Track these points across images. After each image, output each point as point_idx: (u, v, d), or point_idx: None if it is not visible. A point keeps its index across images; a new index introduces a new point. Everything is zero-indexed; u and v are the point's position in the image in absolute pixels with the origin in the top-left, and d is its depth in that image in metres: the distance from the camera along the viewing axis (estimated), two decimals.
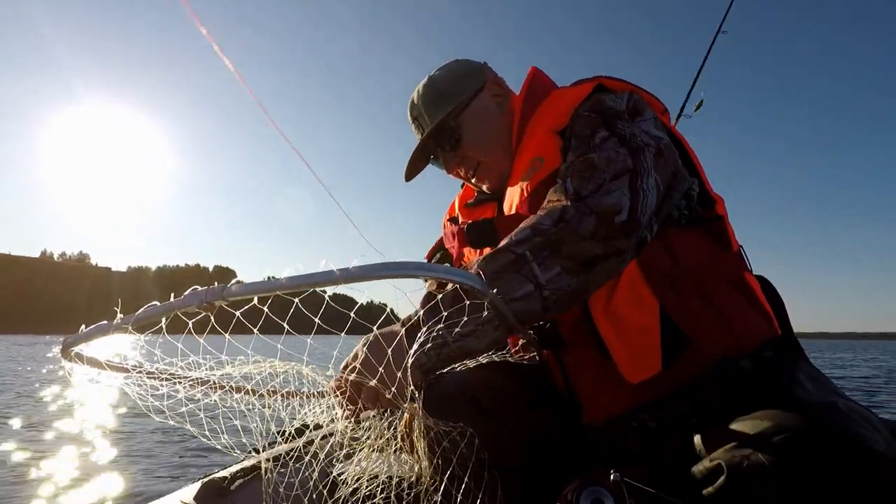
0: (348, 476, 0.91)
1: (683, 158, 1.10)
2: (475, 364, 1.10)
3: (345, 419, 0.87)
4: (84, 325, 0.71)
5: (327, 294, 0.74)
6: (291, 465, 0.90)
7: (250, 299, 0.66)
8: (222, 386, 0.91)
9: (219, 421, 0.90)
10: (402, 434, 0.91)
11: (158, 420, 0.86)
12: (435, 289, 0.90)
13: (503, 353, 1.20)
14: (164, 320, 0.68)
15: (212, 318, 0.68)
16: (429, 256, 1.53)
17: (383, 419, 0.91)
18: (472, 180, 1.30)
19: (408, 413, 0.87)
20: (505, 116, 1.27)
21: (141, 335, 0.71)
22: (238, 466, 1.27)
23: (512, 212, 1.15)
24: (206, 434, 0.89)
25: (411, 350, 0.79)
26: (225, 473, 1.24)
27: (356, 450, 0.92)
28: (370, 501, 0.89)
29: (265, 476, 0.92)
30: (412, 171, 1.34)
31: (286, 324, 0.72)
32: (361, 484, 0.90)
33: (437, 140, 1.27)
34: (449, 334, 0.81)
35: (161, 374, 0.84)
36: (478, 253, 1.19)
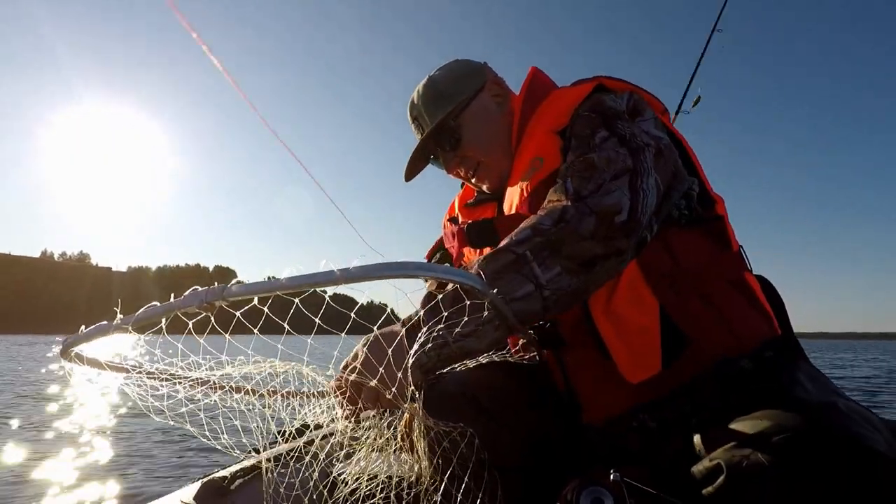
0: (348, 476, 0.91)
1: (683, 158, 1.10)
2: (475, 364, 1.10)
3: (345, 419, 0.87)
4: (84, 326, 0.71)
5: (327, 294, 0.74)
6: (291, 465, 0.90)
7: (250, 299, 0.66)
8: (222, 386, 0.91)
9: (219, 421, 0.90)
10: (402, 434, 0.91)
11: (158, 420, 0.86)
12: (435, 289, 0.90)
13: (503, 353, 1.20)
14: (165, 320, 0.68)
15: (212, 319, 0.67)
16: (429, 256, 1.53)
17: (383, 419, 0.91)
18: (472, 180, 1.30)
19: (408, 413, 0.87)
20: (505, 116, 1.27)
21: (141, 335, 0.71)
22: (238, 466, 1.27)
23: (512, 212, 1.15)
24: (207, 434, 0.89)
25: (412, 350, 0.79)
26: (225, 473, 1.23)
27: (356, 449, 0.92)
28: (370, 501, 0.89)
29: (265, 476, 0.92)
30: (412, 171, 1.34)
31: (286, 324, 0.72)
32: (361, 483, 0.90)
33: (437, 140, 1.27)
34: (449, 334, 0.80)
35: (161, 375, 0.84)
36: (478, 253, 1.19)
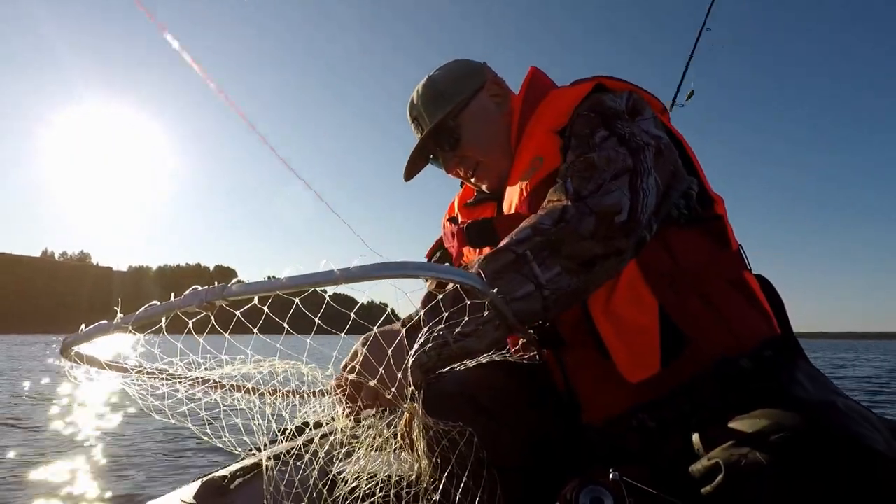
0: (348, 474, 0.91)
1: (683, 157, 1.10)
2: (475, 364, 1.10)
3: (345, 418, 0.87)
4: (84, 325, 0.71)
5: (328, 294, 0.75)
6: (291, 464, 0.90)
7: (250, 299, 0.66)
8: (222, 385, 0.91)
9: (219, 420, 0.90)
10: (402, 433, 0.91)
11: (159, 419, 0.87)
12: (435, 289, 0.90)
13: (503, 353, 1.20)
14: (164, 320, 0.68)
15: (212, 318, 0.68)
16: (429, 256, 1.53)
17: (383, 418, 0.91)
18: (472, 180, 1.30)
19: (407, 412, 0.87)
20: (504, 116, 1.27)
21: (141, 335, 0.71)
22: (238, 465, 1.27)
23: (511, 211, 1.15)
24: (207, 433, 0.89)
25: (412, 350, 0.79)
26: (224, 472, 1.23)
27: (356, 448, 0.92)
28: (369, 500, 0.89)
29: (266, 474, 0.92)
30: (411, 171, 1.34)
31: (286, 324, 0.72)
32: (361, 482, 0.90)
33: (437, 140, 1.27)
34: (449, 334, 0.80)
35: (161, 374, 0.84)
36: (477, 253, 1.19)
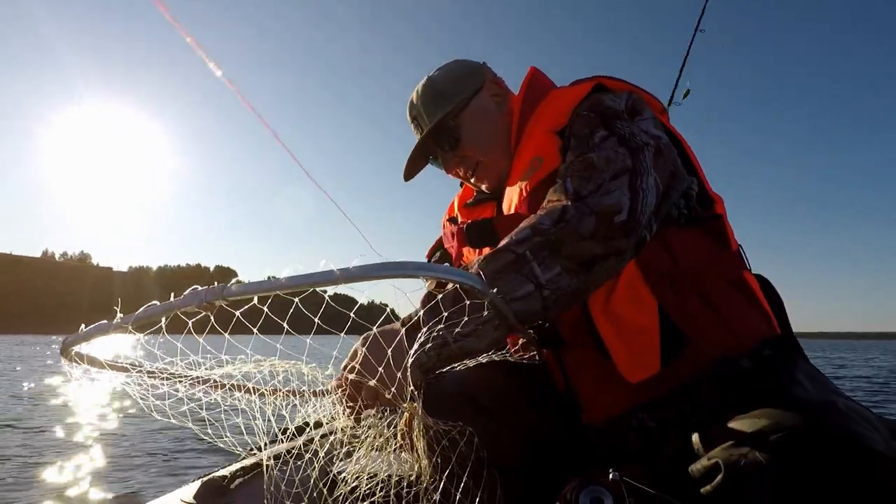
0: (348, 474, 0.91)
1: (682, 157, 1.10)
2: (475, 363, 1.10)
3: (345, 418, 0.87)
4: (84, 325, 0.71)
5: (327, 294, 0.75)
6: (291, 464, 0.90)
7: (250, 299, 0.66)
8: (223, 385, 0.91)
9: (220, 420, 0.90)
10: (402, 433, 0.91)
11: (159, 419, 0.87)
12: (434, 288, 0.90)
13: (503, 353, 1.20)
14: (164, 320, 0.68)
15: (211, 318, 0.68)
16: (429, 256, 1.53)
17: (383, 418, 0.91)
18: (471, 180, 1.30)
19: (407, 412, 0.87)
20: (504, 116, 1.27)
21: (141, 335, 0.71)
22: (238, 465, 1.27)
23: (511, 211, 1.15)
24: (208, 433, 0.89)
25: (411, 350, 0.79)
26: (225, 472, 1.23)
27: (356, 448, 0.92)
28: (370, 500, 0.89)
29: (266, 474, 0.92)
30: (411, 171, 1.34)
31: (286, 324, 0.72)
32: (361, 482, 0.90)
33: (436, 140, 1.27)
34: (449, 334, 0.80)
35: (161, 374, 0.84)
36: (477, 253, 1.19)
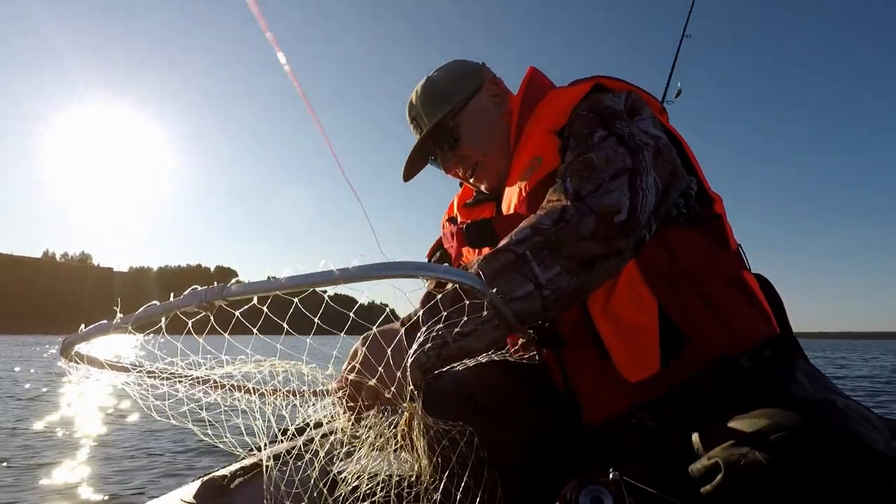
0: (348, 474, 0.91)
1: (681, 157, 1.10)
2: (474, 363, 1.10)
3: (346, 418, 0.87)
4: (84, 325, 0.71)
5: (327, 294, 0.75)
6: (291, 463, 0.90)
7: (250, 299, 0.66)
8: (223, 385, 0.91)
9: (220, 420, 0.90)
10: (402, 433, 0.91)
11: (159, 419, 0.87)
12: (434, 288, 0.90)
13: (503, 353, 1.20)
14: (164, 320, 0.68)
15: (211, 318, 0.68)
16: (429, 256, 1.53)
17: (383, 418, 0.91)
18: (471, 180, 1.30)
19: (407, 412, 0.88)
20: (503, 116, 1.27)
21: (140, 335, 0.71)
22: (238, 465, 1.27)
23: (510, 211, 1.15)
24: (208, 433, 0.89)
25: (411, 350, 0.79)
26: (225, 472, 1.24)
27: (356, 448, 0.92)
28: (370, 500, 0.89)
29: (266, 474, 0.92)
30: (410, 172, 1.34)
31: (286, 324, 0.72)
32: (362, 482, 0.90)
33: (436, 140, 1.27)
34: (449, 334, 0.80)
35: (161, 374, 0.84)
36: (476, 253, 1.19)
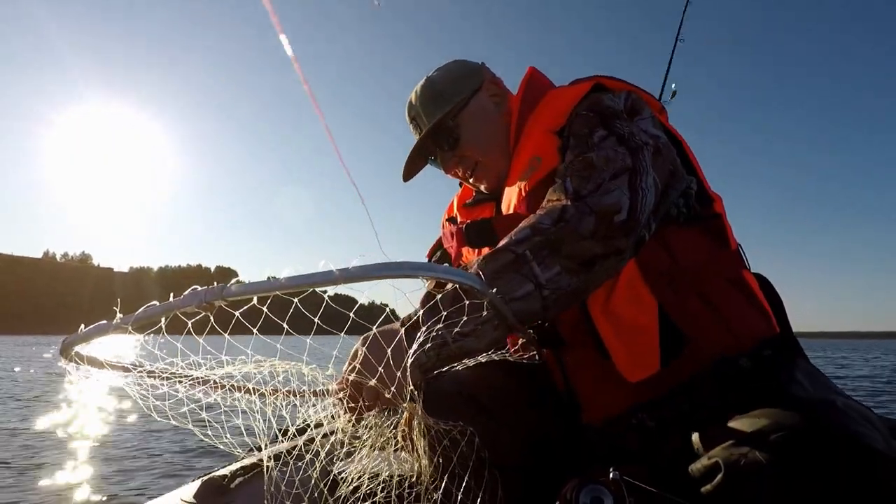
0: (349, 474, 0.91)
1: (681, 156, 1.10)
2: (474, 363, 1.10)
3: (346, 418, 0.87)
4: (84, 325, 0.71)
5: (327, 294, 0.75)
6: (292, 463, 0.90)
7: (249, 299, 0.66)
8: (223, 385, 0.91)
9: (220, 420, 0.90)
10: (403, 433, 0.91)
11: (160, 419, 0.87)
12: (433, 288, 0.90)
13: (503, 353, 1.20)
14: (164, 320, 0.68)
15: (211, 319, 0.68)
16: (429, 256, 1.53)
17: (384, 418, 0.91)
18: (470, 180, 1.30)
19: (407, 412, 0.88)
20: (503, 116, 1.27)
21: (140, 335, 0.71)
22: (238, 464, 1.27)
23: (510, 211, 1.15)
24: (208, 434, 0.89)
25: (411, 350, 0.79)
26: (225, 471, 1.24)
27: (357, 448, 0.92)
28: (371, 500, 0.89)
29: (266, 474, 0.92)
30: (410, 172, 1.34)
31: (286, 324, 0.72)
32: (362, 482, 0.90)
33: (435, 140, 1.27)
34: (448, 334, 0.80)
35: (161, 374, 0.84)
36: (476, 253, 1.19)
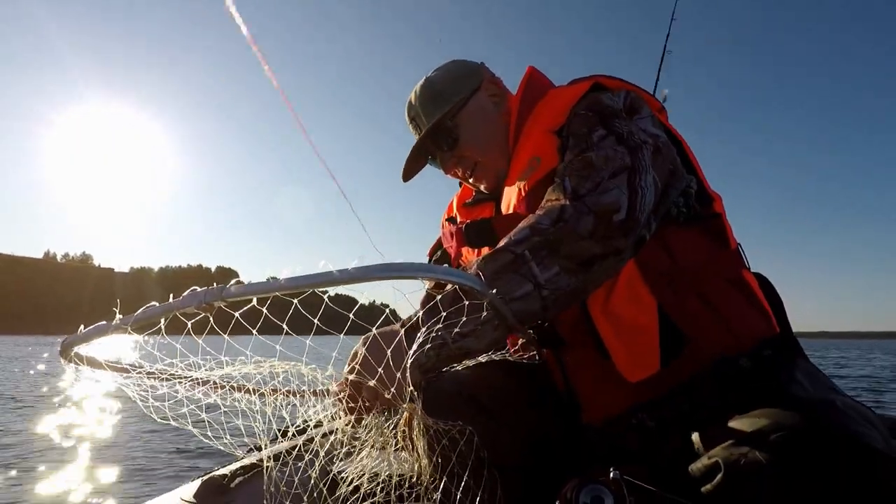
0: (348, 474, 0.91)
1: (681, 156, 1.10)
2: (474, 363, 1.10)
3: (346, 418, 0.87)
4: (83, 326, 0.71)
5: (327, 295, 0.75)
6: (292, 463, 0.90)
7: (249, 300, 0.66)
8: (222, 385, 0.91)
9: (220, 421, 0.90)
10: (403, 433, 0.91)
11: (159, 420, 0.87)
12: (433, 289, 0.90)
13: (503, 353, 1.20)
14: (164, 321, 0.68)
15: (211, 319, 0.68)
16: (429, 255, 1.53)
17: (384, 418, 0.91)
18: (470, 180, 1.30)
19: (407, 412, 0.87)
20: (502, 116, 1.27)
21: (140, 336, 0.71)
22: (238, 464, 1.27)
23: (510, 211, 1.15)
24: (208, 434, 0.89)
25: (410, 350, 0.79)
26: (225, 471, 1.23)
27: (357, 448, 0.92)
28: (370, 500, 0.89)
29: (266, 474, 0.92)
30: (410, 172, 1.34)
31: (285, 324, 0.72)
32: (362, 482, 0.90)
33: (435, 140, 1.27)
34: (448, 334, 0.80)
35: (161, 375, 0.84)
36: (476, 252, 1.19)
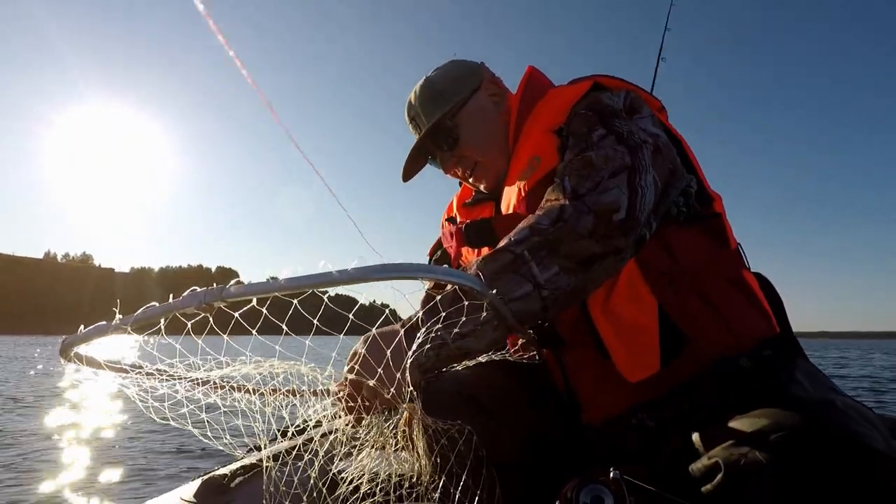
0: (348, 474, 0.91)
1: (681, 155, 1.10)
2: (474, 363, 1.10)
3: (345, 418, 0.87)
4: (83, 326, 0.71)
5: (327, 295, 0.74)
6: (291, 463, 0.90)
7: (249, 300, 0.66)
8: (222, 386, 0.91)
9: (219, 421, 0.90)
10: (402, 432, 0.91)
11: (159, 420, 0.87)
12: (432, 289, 0.90)
13: (503, 353, 1.20)
14: (163, 321, 0.68)
15: (210, 319, 0.68)
16: (429, 255, 1.53)
17: (383, 418, 0.91)
18: (470, 180, 1.30)
19: (407, 412, 0.87)
20: (502, 116, 1.27)
21: (140, 336, 0.71)
22: (238, 464, 1.27)
23: (509, 211, 1.15)
24: (207, 435, 0.89)
25: (410, 350, 0.79)
26: (225, 471, 1.23)
27: (356, 448, 0.92)
28: (370, 499, 0.89)
29: (266, 473, 0.92)
30: (410, 172, 1.34)
31: (285, 325, 0.72)
32: (362, 482, 0.90)
33: (435, 140, 1.27)
34: (448, 334, 0.80)
35: (160, 375, 0.84)
36: (476, 252, 1.19)
